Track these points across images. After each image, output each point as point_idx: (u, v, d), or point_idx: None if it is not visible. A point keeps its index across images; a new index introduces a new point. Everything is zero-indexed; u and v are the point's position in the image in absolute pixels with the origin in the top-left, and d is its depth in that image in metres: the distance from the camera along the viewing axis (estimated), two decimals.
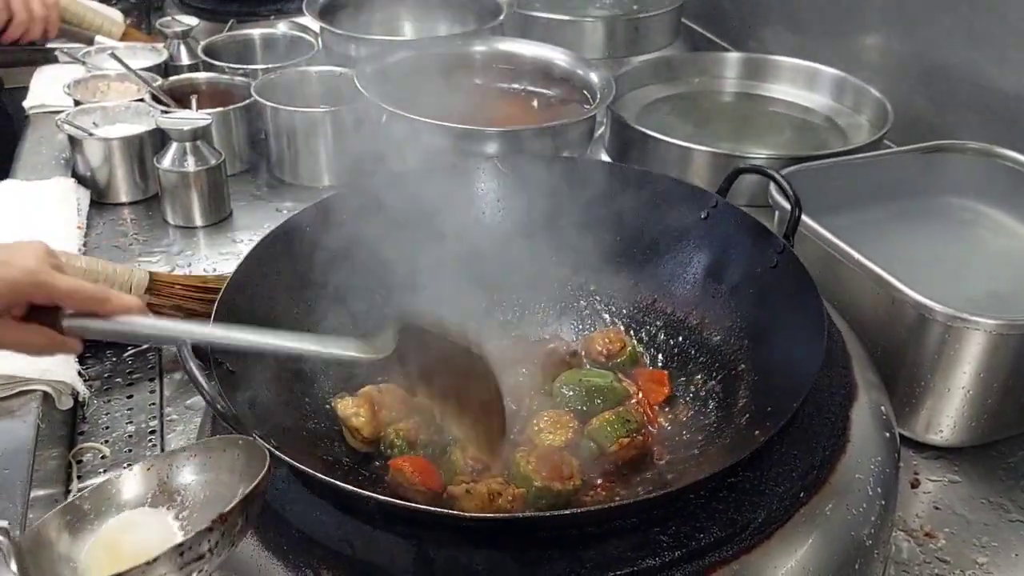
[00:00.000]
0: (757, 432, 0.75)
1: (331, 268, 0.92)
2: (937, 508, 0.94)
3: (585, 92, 1.44)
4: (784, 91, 1.61)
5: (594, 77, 1.43)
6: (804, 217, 1.06)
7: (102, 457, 0.98)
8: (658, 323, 0.99)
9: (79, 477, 0.95)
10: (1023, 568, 0.88)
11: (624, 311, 1.02)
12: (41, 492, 0.90)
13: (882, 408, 0.86)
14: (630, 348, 0.96)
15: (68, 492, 0.94)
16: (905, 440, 0.98)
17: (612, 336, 0.96)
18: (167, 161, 1.36)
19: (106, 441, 1.00)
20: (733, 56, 1.68)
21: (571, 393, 0.90)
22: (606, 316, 1.02)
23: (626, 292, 1.02)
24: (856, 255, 1.00)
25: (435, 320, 0.78)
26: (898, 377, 0.97)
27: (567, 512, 0.74)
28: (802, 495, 0.73)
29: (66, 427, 1.01)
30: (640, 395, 0.90)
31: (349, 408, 0.85)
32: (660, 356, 0.98)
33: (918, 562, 0.88)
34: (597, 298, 1.03)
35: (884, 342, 0.97)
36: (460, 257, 0.96)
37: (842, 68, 1.56)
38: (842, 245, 1.01)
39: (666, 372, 0.94)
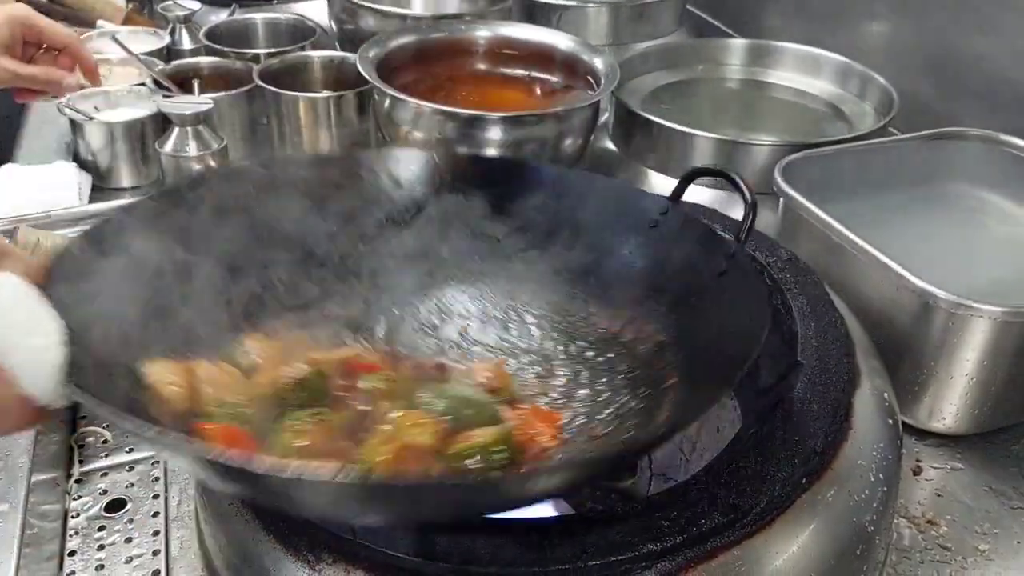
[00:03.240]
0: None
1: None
2: (939, 495, 0.94)
3: (589, 78, 1.43)
4: (789, 77, 1.60)
5: (598, 63, 1.42)
6: (808, 204, 1.06)
7: (104, 442, 0.98)
8: (589, 338, 0.89)
9: (81, 461, 0.96)
10: None
11: (556, 323, 0.91)
12: (43, 476, 0.90)
13: (885, 395, 0.86)
14: (511, 386, 0.82)
15: (69, 476, 0.94)
16: (907, 427, 0.97)
17: (492, 370, 0.83)
18: (169, 146, 1.36)
19: (107, 426, 1.00)
20: (738, 42, 1.67)
21: (437, 403, 0.75)
22: (535, 331, 0.91)
23: (560, 304, 0.92)
24: (859, 242, 0.99)
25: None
26: (901, 364, 0.97)
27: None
28: (804, 481, 0.73)
29: (68, 411, 1.01)
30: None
31: (163, 374, 0.71)
32: (584, 372, 0.86)
33: (919, 549, 0.88)
34: (528, 310, 0.93)
35: (887, 329, 0.97)
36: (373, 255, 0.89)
37: (847, 55, 1.55)
38: (845, 232, 1.01)
39: (560, 418, 0.79)
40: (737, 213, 0.87)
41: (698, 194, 1.23)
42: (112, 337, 0.70)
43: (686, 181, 0.91)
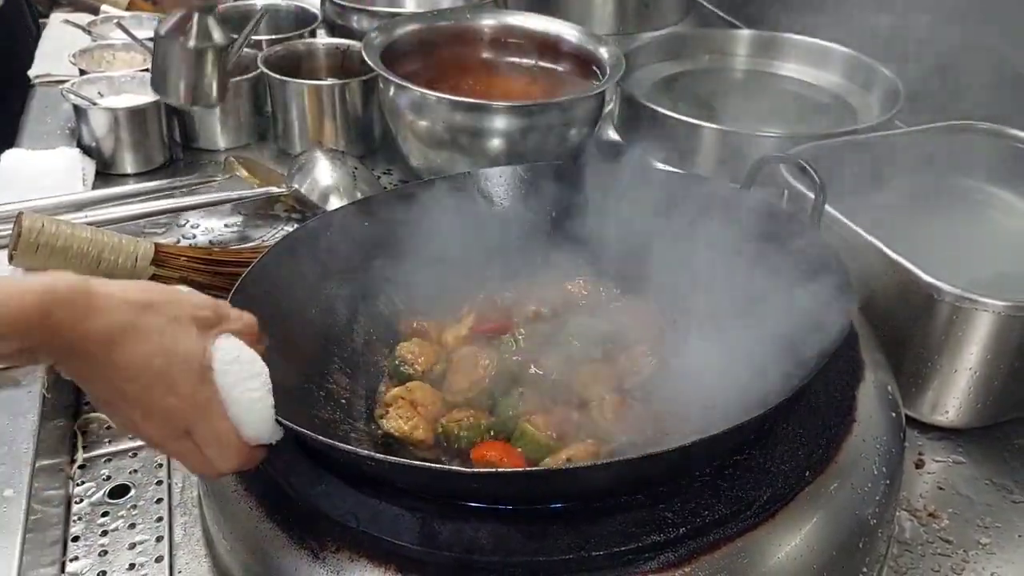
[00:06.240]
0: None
1: (356, 269, 0.94)
2: (941, 489, 0.94)
3: (594, 68, 1.42)
4: (795, 69, 1.59)
5: (604, 53, 1.42)
6: (813, 197, 1.06)
7: (107, 427, 0.98)
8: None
9: (84, 447, 0.96)
10: None
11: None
12: (47, 461, 0.90)
13: (888, 388, 0.86)
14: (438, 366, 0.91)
15: (73, 461, 0.94)
16: (910, 421, 0.97)
17: (422, 348, 0.92)
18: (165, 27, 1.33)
19: None
20: (744, 33, 1.66)
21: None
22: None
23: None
24: (864, 235, 0.99)
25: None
26: (905, 357, 0.96)
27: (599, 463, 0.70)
28: (807, 474, 0.73)
29: (71, 397, 1.01)
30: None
31: (400, 422, 0.83)
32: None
33: (921, 542, 0.88)
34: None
35: (892, 322, 0.97)
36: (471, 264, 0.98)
37: (853, 46, 1.54)
38: (850, 225, 1.01)
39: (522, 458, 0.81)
40: None
41: None
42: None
43: (755, 170, 0.97)
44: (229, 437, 0.67)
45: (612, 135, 1.49)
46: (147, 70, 1.50)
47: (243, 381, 0.67)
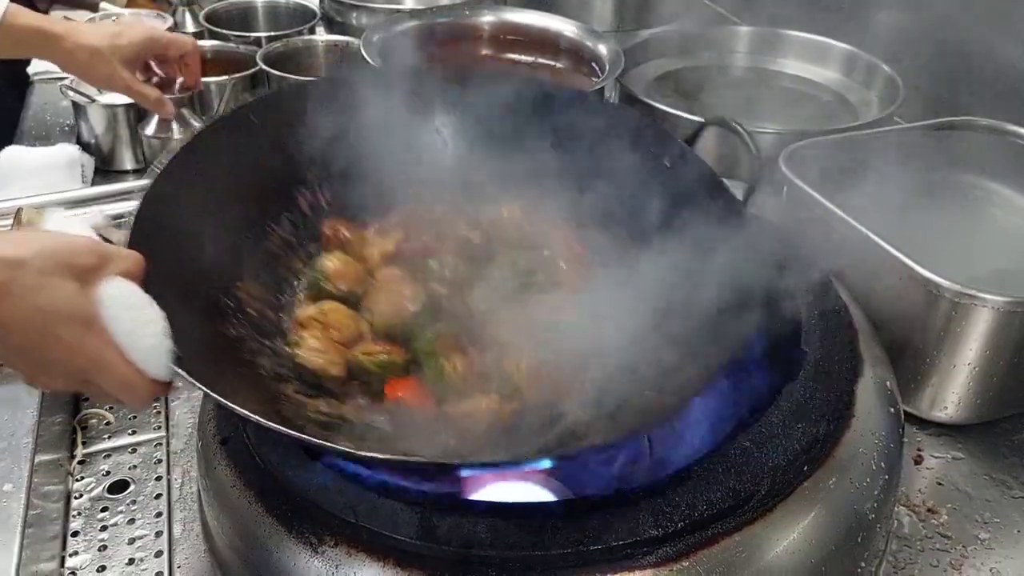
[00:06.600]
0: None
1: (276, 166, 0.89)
2: (940, 484, 0.94)
3: (593, 64, 1.43)
4: (794, 66, 1.60)
5: (603, 49, 1.42)
6: (812, 192, 1.06)
7: (106, 424, 0.98)
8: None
9: (84, 443, 0.96)
10: None
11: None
12: (46, 457, 0.90)
13: (887, 383, 0.86)
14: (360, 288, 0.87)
15: (73, 457, 0.94)
16: (909, 416, 0.98)
17: (346, 267, 0.88)
18: (150, 129, 1.38)
19: (110, 408, 1.00)
20: (743, 30, 1.66)
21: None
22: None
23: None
24: (864, 231, 0.99)
25: None
26: (904, 353, 0.97)
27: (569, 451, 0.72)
28: (806, 468, 0.73)
29: (70, 393, 1.01)
30: None
31: (317, 358, 0.80)
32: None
33: (920, 537, 0.88)
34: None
35: (891, 318, 0.97)
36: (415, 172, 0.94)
37: (853, 43, 1.54)
38: (850, 220, 1.01)
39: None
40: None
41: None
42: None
43: (699, 131, 0.95)
44: (131, 380, 0.66)
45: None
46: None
47: (137, 328, 0.66)
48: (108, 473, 0.93)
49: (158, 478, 0.92)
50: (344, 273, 0.87)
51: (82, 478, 0.92)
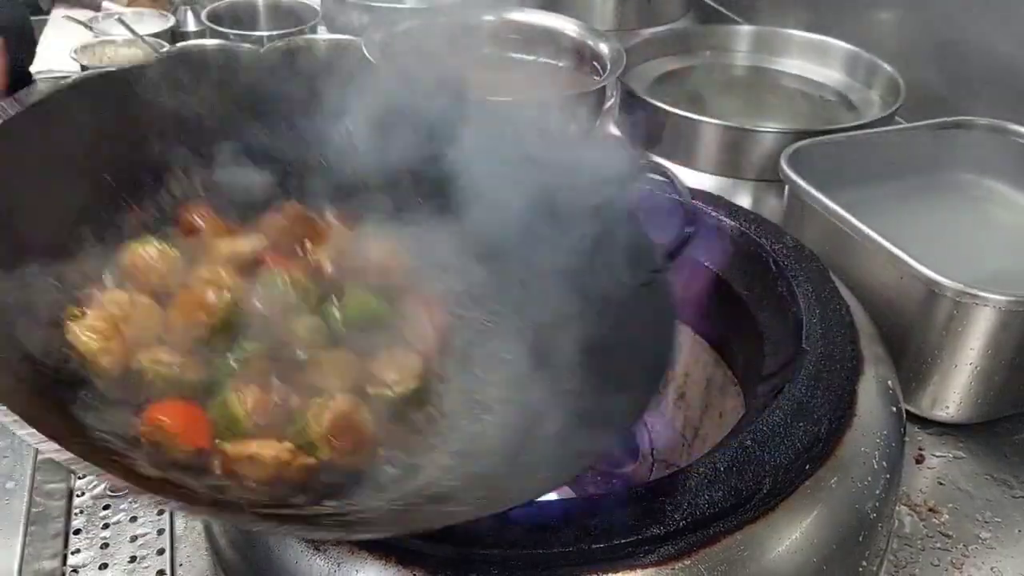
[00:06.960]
0: None
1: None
2: (941, 484, 0.94)
3: (595, 63, 1.43)
4: (796, 65, 1.59)
5: (604, 48, 1.42)
6: (813, 191, 1.06)
7: None
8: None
9: None
10: None
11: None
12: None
13: (889, 383, 0.86)
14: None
15: None
16: (911, 415, 0.98)
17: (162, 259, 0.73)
18: None
19: None
20: (745, 29, 1.66)
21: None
22: None
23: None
24: (865, 230, 0.99)
25: None
26: (906, 352, 0.97)
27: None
28: (807, 467, 0.73)
29: None
30: None
31: (91, 342, 0.65)
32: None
33: (921, 536, 0.88)
34: None
35: (893, 317, 0.97)
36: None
37: (855, 43, 1.54)
38: (852, 220, 1.01)
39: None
40: (744, 200, 0.87)
41: (703, 181, 1.23)
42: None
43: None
44: None
45: (613, 131, 1.49)
46: None
47: None
48: None
49: None
50: (153, 271, 0.72)
51: (84, 476, 0.92)
